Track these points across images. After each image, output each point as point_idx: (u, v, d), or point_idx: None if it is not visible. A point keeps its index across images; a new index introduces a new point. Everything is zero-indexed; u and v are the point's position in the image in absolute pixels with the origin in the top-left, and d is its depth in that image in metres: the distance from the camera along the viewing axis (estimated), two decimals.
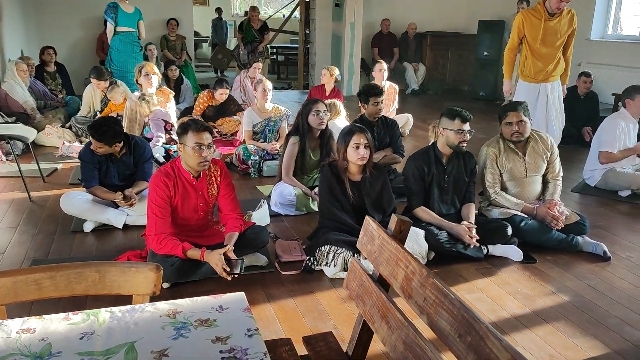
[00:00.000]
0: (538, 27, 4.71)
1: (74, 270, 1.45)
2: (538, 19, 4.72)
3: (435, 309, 1.34)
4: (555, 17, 4.70)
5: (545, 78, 4.89)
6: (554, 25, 4.72)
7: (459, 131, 3.36)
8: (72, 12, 8.68)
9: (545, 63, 4.83)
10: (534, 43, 4.77)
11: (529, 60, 4.86)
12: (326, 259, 3.20)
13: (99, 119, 3.92)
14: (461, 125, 3.36)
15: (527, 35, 4.78)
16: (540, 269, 3.33)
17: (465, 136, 3.39)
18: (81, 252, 3.45)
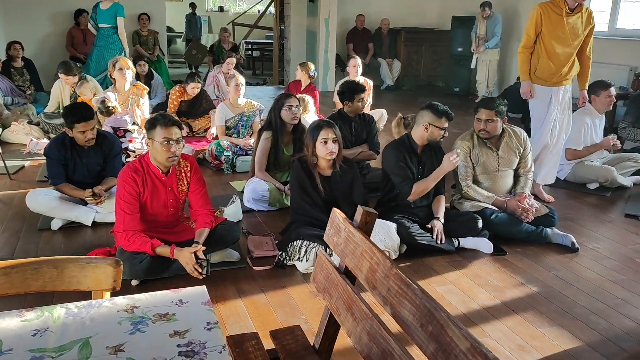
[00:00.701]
0: (557, 23, 4.16)
1: (30, 266, 1.41)
2: (558, 14, 4.15)
3: (398, 299, 1.34)
4: (575, 12, 4.18)
5: (559, 81, 4.31)
6: (574, 21, 4.19)
7: (444, 129, 3.45)
8: (41, 6, 8.48)
9: (560, 64, 4.26)
10: (551, 41, 4.19)
11: (543, 60, 4.26)
12: (298, 253, 3.19)
13: (69, 105, 3.85)
14: (446, 123, 3.45)
15: (544, 32, 4.21)
16: (510, 261, 3.37)
17: (445, 132, 3.49)
18: (48, 251, 3.37)
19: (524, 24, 8.69)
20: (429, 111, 3.46)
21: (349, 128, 4.55)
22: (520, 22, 8.87)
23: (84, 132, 3.58)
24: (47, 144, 3.81)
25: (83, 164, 3.72)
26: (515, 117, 7.45)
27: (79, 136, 3.59)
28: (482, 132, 3.64)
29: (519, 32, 8.87)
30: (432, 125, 3.44)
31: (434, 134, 3.46)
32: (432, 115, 3.45)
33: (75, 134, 3.59)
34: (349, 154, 4.34)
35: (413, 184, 3.49)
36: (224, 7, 14.81)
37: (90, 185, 3.69)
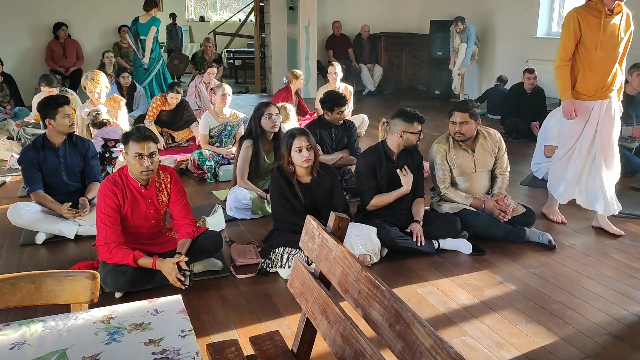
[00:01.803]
0: (597, 27, 3.60)
1: (7, 281, 1.44)
2: (596, 17, 3.60)
3: (368, 301, 1.38)
4: (615, 14, 3.63)
5: (604, 94, 3.71)
6: (614, 24, 3.62)
7: (418, 132, 3.52)
8: (19, 20, 8.46)
9: (604, 74, 3.68)
10: (592, 48, 3.62)
11: (584, 72, 3.68)
12: (280, 260, 3.23)
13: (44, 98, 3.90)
14: (418, 126, 3.52)
15: (584, 39, 3.62)
16: (490, 260, 3.43)
17: (418, 136, 3.56)
18: (31, 266, 3.37)
19: (499, 27, 8.89)
20: (399, 119, 3.53)
21: (330, 134, 4.62)
22: (494, 25, 9.02)
23: (67, 116, 3.69)
24: (20, 153, 3.84)
25: (61, 164, 3.75)
26: (495, 118, 7.58)
27: (64, 121, 3.68)
28: (457, 135, 3.71)
29: (494, 34, 9.03)
30: (406, 132, 3.51)
31: (409, 139, 3.54)
32: (404, 123, 3.52)
33: (60, 119, 3.67)
34: (329, 159, 4.41)
35: (374, 195, 3.56)
36: (205, 16, 14.84)
37: (73, 190, 3.77)
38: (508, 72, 8.19)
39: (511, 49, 8.70)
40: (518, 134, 6.62)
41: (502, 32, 8.93)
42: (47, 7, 8.53)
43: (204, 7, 15.39)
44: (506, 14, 8.75)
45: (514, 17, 8.59)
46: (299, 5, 9.50)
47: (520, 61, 8.09)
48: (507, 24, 8.76)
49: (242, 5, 14.74)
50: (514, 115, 6.74)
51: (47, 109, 3.69)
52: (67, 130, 3.73)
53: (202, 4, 15.43)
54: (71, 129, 3.75)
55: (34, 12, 8.48)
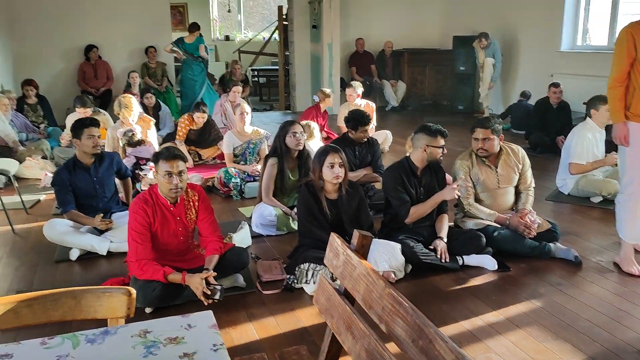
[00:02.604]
0: None
1: (50, 297, 1.53)
2: None
3: (391, 317, 1.43)
4: None
5: None
6: None
7: (442, 147, 3.56)
8: (53, 43, 8.77)
9: None
10: None
11: None
12: (305, 276, 3.28)
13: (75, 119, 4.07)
14: (442, 141, 3.57)
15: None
16: (514, 277, 3.43)
17: (445, 150, 3.60)
18: (65, 282, 3.49)
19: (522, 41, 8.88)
20: (423, 133, 3.59)
21: (353, 151, 4.68)
22: (517, 40, 9.02)
23: (92, 137, 3.82)
24: (53, 175, 4.01)
25: (94, 182, 3.90)
26: (519, 133, 7.55)
27: (88, 142, 3.82)
28: (480, 151, 3.73)
29: (517, 49, 9.02)
30: (430, 146, 3.56)
31: (433, 153, 3.57)
32: (428, 137, 3.57)
33: (84, 140, 3.82)
34: (353, 176, 4.46)
35: (410, 207, 3.58)
36: (230, 35, 15.12)
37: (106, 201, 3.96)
38: (532, 86, 8.17)
39: (535, 63, 8.67)
40: (543, 149, 6.59)
41: (525, 46, 8.92)
42: (79, 31, 8.83)
43: (229, 27, 15.69)
44: (529, 28, 8.75)
45: (537, 32, 8.58)
46: (322, 24, 9.64)
47: (545, 75, 8.06)
48: (531, 38, 8.76)
49: (266, 24, 14.99)
50: (539, 129, 6.72)
51: (74, 130, 3.88)
52: (91, 151, 3.86)
53: (227, 23, 15.73)
54: (94, 150, 3.87)
55: (68, 35, 8.79)
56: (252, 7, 16.37)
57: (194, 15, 13.97)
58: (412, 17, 10.67)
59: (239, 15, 15.53)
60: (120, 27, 9.04)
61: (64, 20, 8.74)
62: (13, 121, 6.51)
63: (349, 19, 10.19)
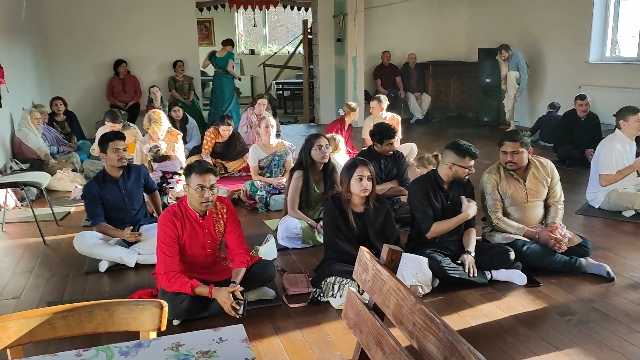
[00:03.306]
0: None
1: (84, 309, 1.55)
2: None
3: (423, 333, 1.41)
4: None
5: None
6: None
7: (468, 167, 3.52)
8: (83, 59, 8.98)
9: None
10: None
11: None
12: (332, 290, 3.27)
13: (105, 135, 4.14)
14: (470, 162, 3.52)
15: None
16: (545, 292, 3.36)
17: (472, 170, 3.55)
18: (94, 293, 3.54)
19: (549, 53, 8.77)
20: (452, 151, 3.55)
21: (379, 164, 4.66)
22: (544, 52, 8.92)
23: (117, 150, 3.88)
24: (83, 187, 4.08)
25: (123, 195, 3.96)
26: (547, 145, 7.45)
27: (113, 156, 3.88)
28: (509, 164, 3.69)
29: (544, 61, 8.93)
30: (456, 165, 3.52)
31: (458, 172, 3.54)
32: (455, 156, 3.52)
33: (110, 154, 3.88)
34: (378, 189, 4.43)
35: (433, 222, 3.56)
36: (255, 49, 15.30)
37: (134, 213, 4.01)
38: (560, 98, 8.06)
39: (563, 75, 8.57)
40: (572, 162, 6.48)
41: (552, 58, 8.82)
42: (109, 46, 9.04)
43: (254, 41, 15.88)
44: (556, 40, 8.65)
45: (564, 43, 8.48)
46: (346, 37, 9.70)
47: (573, 87, 7.95)
48: (558, 49, 8.66)
49: (291, 38, 15.14)
50: (567, 142, 6.62)
51: (100, 144, 3.95)
52: (116, 164, 3.92)
53: (252, 37, 15.93)
54: (120, 163, 3.92)
55: (98, 51, 8.99)
56: (276, 22, 16.55)
57: (219, 30, 14.21)
58: (437, 30, 10.67)
59: (264, 29, 15.71)
60: (148, 42, 9.23)
61: (95, 36, 8.95)
62: (45, 135, 6.68)
63: (373, 32, 10.23)
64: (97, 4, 8.89)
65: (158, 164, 5.29)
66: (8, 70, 6.05)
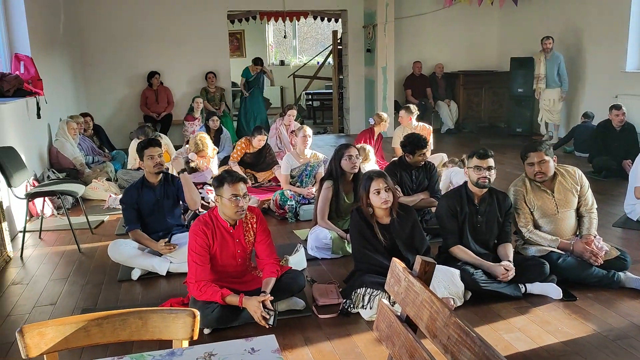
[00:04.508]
0: None
1: (118, 317, 1.57)
2: None
3: (458, 347, 1.38)
4: None
5: None
6: None
7: (477, 167, 3.45)
8: (118, 71, 9.20)
9: None
10: None
11: None
12: (362, 301, 3.24)
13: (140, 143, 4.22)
14: (478, 162, 3.46)
15: None
16: (581, 307, 3.27)
17: (484, 172, 3.45)
18: (127, 301, 3.59)
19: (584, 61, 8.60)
20: (467, 156, 3.58)
21: (410, 175, 4.63)
22: (579, 60, 8.75)
23: (152, 157, 3.94)
24: (122, 193, 4.18)
25: (158, 202, 4.02)
26: (583, 156, 7.29)
27: (148, 162, 3.95)
28: (538, 175, 3.59)
29: (578, 70, 8.75)
30: (468, 167, 3.51)
31: (471, 176, 3.51)
32: (467, 159, 3.54)
33: (146, 161, 3.96)
34: (409, 201, 4.41)
35: (457, 239, 3.52)
36: (285, 60, 15.44)
37: (170, 228, 4.04)
38: (595, 108, 7.89)
39: (598, 84, 8.39)
40: (608, 173, 6.31)
41: (588, 67, 8.65)
42: (143, 58, 9.24)
43: (284, 52, 16.03)
44: (592, 49, 8.49)
45: (600, 52, 8.31)
46: (376, 47, 9.71)
47: (609, 97, 7.78)
48: (594, 58, 8.49)
49: (320, 49, 15.21)
50: (602, 153, 6.46)
51: (138, 151, 4.06)
52: (152, 170, 3.99)
53: (282, 48, 16.08)
54: (156, 169, 3.99)
55: (132, 63, 9.21)
56: (306, 33, 16.67)
57: (250, 42, 14.38)
58: (468, 39, 10.59)
59: (294, 40, 15.84)
60: (181, 54, 9.40)
61: (129, 48, 9.17)
62: (80, 144, 6.84)
63: (403, 43, 10.21)
64: (132, 18, 9.11)
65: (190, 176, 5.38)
66: (47, 82, 6.23)
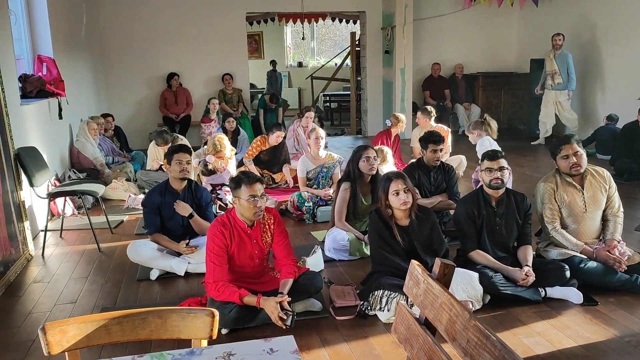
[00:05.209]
0: None
1: (138, 316, 1.58)
2: None
3: (478, 350, 1.37)
4: None
5: None
6: None
7: (489, 169, 3.44)
8: (137, 72, 9.30)
9: None
10: None
11: None
12: (379, 303, 3.23)
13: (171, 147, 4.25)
14: (489, 163, 3.45)
15: None
16: (602, 312, 3.22)
17: (496, 174, 3.42)
18: (146, 300, 3.62)
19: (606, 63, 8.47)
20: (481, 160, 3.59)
21: (428, 177, 4.60)
22: (601, 62, 8.62)
23: (180, 163, 3.95)
24: (145, 196, 4.20)
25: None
26: (604, 158, 7.18)
27: (175, 168, 3.96)
28: (574, 168, 3.54)
29: (600, 71, 8.62)
30: (481, 171, 3.51)
31: (484, 178, 3.50)
32: (480, 162, 3.59)
33: (173, 165, 3.97)
34: (427, 203, 4.38)
35: (475, 244, 3.50)
36: (303, 62, 15.47)
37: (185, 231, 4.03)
38: (618, 110, 7.76)
39: (621, 86, 8.25)
40: (630, 176, 6.22)
41: (610, 68, 8.52)
42: (162, 60, 9.33)
43: (302, 53, 16.06)
44: (614, 50, 8.35)
45: (622, 53, 8.18)
46: (395, 49, 9.67)
47: (631, 99, 7.64)
48: (616, 59, 8.35)
49: (338, 51, 15.22)
50: (625, 155, 6.35)
51: (168, 154, 4.07)
52: (177, 175, 3.99)
53: (300, 50, 16.13)
54: (182, 174, 3.99)
55: (152, 64, 9.30)
56: (324, 34, 16.69)
57: (268, 43, 14.45)
58: (487, 41, 10.50)
59: (312, 42, 15.86)
60: (200, 55, 9.47)
61: (149, 50, 9.26)
62: (101, 145, 6.93)
63: (421, 44, 10.17)
64: (152, 20, 9.20)
65: (207, 177, 5.42)
66: (68, 83, 6.32)
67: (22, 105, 4.99)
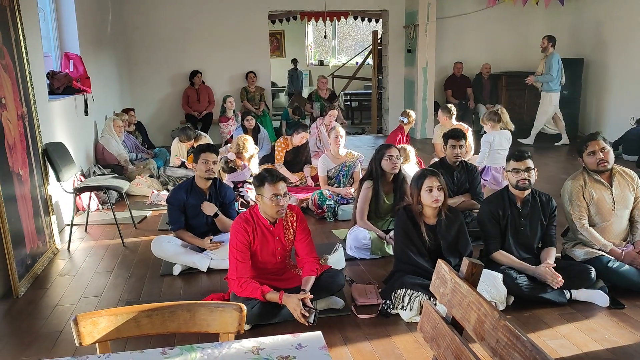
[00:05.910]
0: None
1: (167, 309, 1.60)
2: None
3: (507, 351, 1.36)
4: None
5: None
6: None
7: (515, 170, 3.41)
8: (161, 70, 9.40)
9: None
10: None
11: None
12: (402, 302, 3.22)
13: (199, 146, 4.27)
14: (516, 164, 3.42)
15: None
16: (630, 315, 3.17)
17: (522, 174, 3.40)
18: (169, 295, 3.66)
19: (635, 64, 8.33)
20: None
21: (451, 177, 4.57)
22: (628, 63, 8.47)
23: (206, 162, 3.98)
24: (170, 193, 4.24)
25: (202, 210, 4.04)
26: (631, 159, 7.07)
27: (201, 167, 4.00)
28: (601, 164, 3.51)
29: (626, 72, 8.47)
30: (507, 171, 3.48)
31: (510, 179, 3.47)
32: (506, 163, 3.54)
33: (200, 164, 4.00)
34: (450, 203, 4.35)
35: (499, 245, 3.47)
36: (324, 61, 15.48)
37: (208, 230, 4.06)
38: None
39: None
40: None
41: (633, 70, 8.36)
42: (185, 58, 9.42)
43: (323, 52, 16.07)
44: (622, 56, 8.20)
45: None
46: (417, 48, 9.62)
47: None
48: None
49: (360, 49, 15.19)
50: None
51: (195, 152, 4.10)
52: (203, 175, 4.02)
53: (322, 48, 16.13)
54: (207, 174, 4.01)
55: (175, 62, 9.40)
56: (345, 33, 16.67)
57: (290, 42, 14.48)
58: (511, 40, 10.38)
59: (334, 40, 15.85)
60: (222, 53, 9.53)
61: (173, 48, 9.35)
62: (125, 142, 7.01)
63: (444, 43, 10.09)
64: (176, 18, 9.29)
65: (229, 175, 5.45)
66: (94, 80, 6.41)
67: (49, 101, 5.08)
